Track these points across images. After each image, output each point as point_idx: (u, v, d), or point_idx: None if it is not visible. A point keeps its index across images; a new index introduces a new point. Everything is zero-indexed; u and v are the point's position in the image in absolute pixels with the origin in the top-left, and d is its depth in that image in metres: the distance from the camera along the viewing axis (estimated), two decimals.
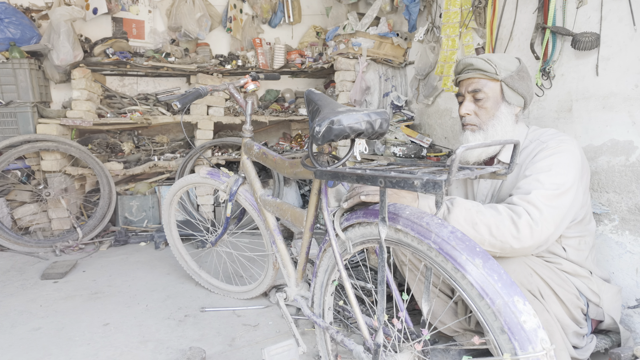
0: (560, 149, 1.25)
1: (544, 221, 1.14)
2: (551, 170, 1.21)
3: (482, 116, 1.36)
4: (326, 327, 1.23)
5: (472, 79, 1.36)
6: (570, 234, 1.30)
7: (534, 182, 1.20)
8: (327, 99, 1.13)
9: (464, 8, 2.28)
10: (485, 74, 1.33)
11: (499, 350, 0.79)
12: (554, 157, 1.24)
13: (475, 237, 1.12)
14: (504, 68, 1.32)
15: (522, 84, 1.33)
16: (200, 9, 3.47)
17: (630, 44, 1.55)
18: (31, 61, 2.90)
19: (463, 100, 1.40)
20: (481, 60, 1.33)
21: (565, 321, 1.21)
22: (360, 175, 0.93)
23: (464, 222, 1.12)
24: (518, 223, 1.13)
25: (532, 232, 1.13)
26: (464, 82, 1.39)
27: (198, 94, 1.61)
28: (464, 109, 1.38)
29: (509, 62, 1.34)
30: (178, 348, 1.63)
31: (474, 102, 1.37)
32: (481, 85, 1.34)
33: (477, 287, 0.80)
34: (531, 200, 1.16)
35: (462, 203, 1.15)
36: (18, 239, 2.78)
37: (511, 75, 1.32)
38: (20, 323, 1.82)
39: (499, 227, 1.12)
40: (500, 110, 1.34)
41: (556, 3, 1.81)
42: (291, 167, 1.40)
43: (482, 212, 1.14)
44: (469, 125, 1.39)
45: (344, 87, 3.22)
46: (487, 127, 1.35)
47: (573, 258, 1.30)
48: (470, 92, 1.36)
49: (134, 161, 3.30)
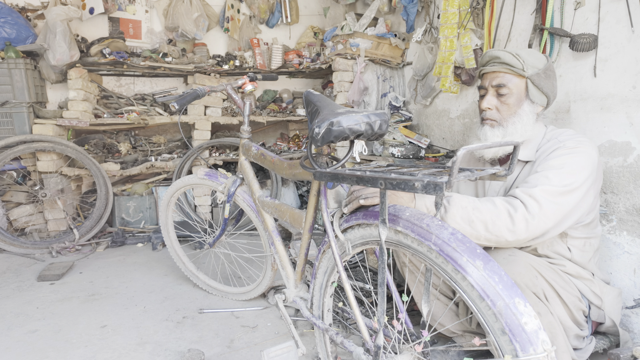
0: (577, 150, 1.23)
1: (542, 215, 1.14)
2: (562, 169, 1.20)
3: (504, 112, 1.33)
4: (326, 328, 1.23)
5: (497, 72, 1.32)
6: (577, 234, 1.29)
7: (542, 178, 1.19)
8: (326, 100, 1.13)
9: (462, 9, 2.28)
10: (512, 69, 1.29)
11: (500, 352, 0.79)
12: (568, 157, 1.22)
13: (471, 234, 1.13)
14: (532, 65, 1.28)
15: (548, 83, 1.31)
16: (198, 9, 3.46)
17: (627, 46, 1.56)
18: (27, 61, 2.88)
19: (485, 93, 1.36)
20: (509, 55, 1.29)
21: (567, 324, 1.21)
22: (360, 176, 0.92)
23: (461, 220, 1.12)
24: (514, 216, 1.13)
25: (527, 225, 1.13)
26: (488, 75, 1.35)
27: (196, 95, 1.60)
28: (486, 103, 1.35)
29: (537, 59, 1.30)
30: (176, 350, 1.62)
31: (496, 97, 1.34)
32: (506, 80, 1.31)
33: (477, 289, 0.80)
34: (532, 194, 1.15)
35: (459, 201, 1.15)
36: (14, 240, 2.76)
37: (538, 72, 1.29)
38: (17, 325, 1.80)
39: (495, 222, 1.12)
40: (523, 108, 1.31)
41: (554, 4, 1.81)
42: (290, 168, 1.40)
43: (478, 208, 1.14)
44: (488, 120, 1.36)
45: (342, 88, 3.21)
46: (507, 124, 1.33)
47: (577, 259, 1.30)
48: (494, 86, 1.33)
49: (130, 162, 3.28)
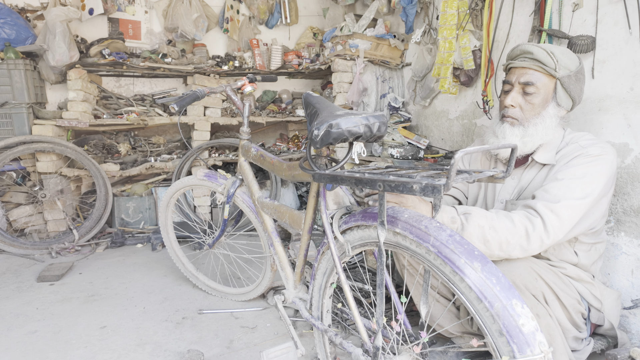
0: (600, 159, 1.18)
1: (557, 231, 1.13)
2: (584, 178, 1.16)
3: (527, 112, 1.27)
4: (325, 329, 1.23)
5: (527, 69, 1.25)
6: (586, 240, 1.29)
7: (564, 189, 1.15)
8: (325, 102, 1.13)
9: (461, 10, 2.29)
10: (543, 68, 1.22)
11: (498, 353, 0.79)
12: (590, 165, 1.18)
13: (485, 252, 1.13)
14: (565, 66, 1.22)
15: (577, 87, 1.25)
16: (197, 10, 3.46)
17: (625, 47, 1.56)
18: (26, 62, 2.88)
19: (510, 89, 1.29)
20: (543, 52, 1.22)
21: (566, 326, 1.21)
22: (358, 178, 0.93)
23: (477, 239, 1.12)
24: (531, 236, 1.12)
25: (541, 244, 1.13)
26: (516, 70, 1.28)
27: (195, 97, 1.60)
28: (510, 99, 1.28)
29: (570, 60, 1.23)
30: (176, 351, 1.63)
31: (522, 95, 1.27)
32: (535, 78, 1.24)
33: (475, 290, 0.81)
34: (556, 210, 1.12)
35: (476, 219, 1.12)
36: (13, 240, 2.76)
37: (569, 75, 1.22)
38: (17, 326, 1.81)
39: (510, 242, 1.12)
40: (547, 110, 1.26)
41: (552, 6, 1.82)
42: (289, 169, 1.40)
43: (494, 228, 1.12)
44: (509, 118, 1.30)
45: (342, 89, 3.22)
46: (528, 124, 1.27)
47: (583, 262, 1.29)
48: (521, 83, 1.26)
49: (130, 162, 3.28)
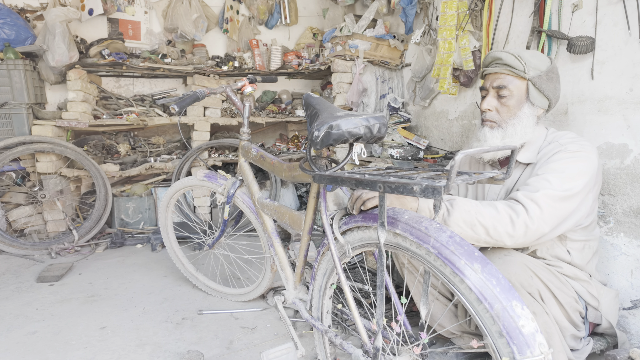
0: (578, 155, 1.23)
1: (541, 221, 1.15)
2: (563, 173, 1.20)
3: (504, 114, 1.32)
4: (325, 330, 1.23)
5: (499, 74, 1.32)
6: (576, 237, 1.30)
7: (543, 181, 1.19)
8: (325, 103, 1.13)
9: (461, 11, 2.29)
10: (513, 71, 1.28)
11: (498, 354, 0.80)
12: (569, 161, 1.22)
13: (472, 237, 1.14)
14: (534, 67, 1.27)
15: (550, 86, 1.30)
16: (197, 10, 3.46)
17: (624, 48, 1.57)
18: (26, 62, 2.88)
19: (486, 94, 1.36)
20: (511, 56, 1.28)
21: (563, 324, 1.22)
22: (359, 179, 0.93)
23: (464, 224, 1.13)
24: (516, 222, 1.14)
25: (526, 231, 1.14)
26: (489, 76, 1.35)
27: (195, 97, 1.60)
28: (486, 104, 1.35)
29: (540, 60, 1.29)
30: (176, 351, 1.63)
31: (497, 99, 1.33)
32: (507, 82, 1.30)
33: (475, 292, 0.81)
34: (535, 198, 1.15)
35: (462, 205, 1.15)
36: (13, 241, 2.76)
37: (540, 75, 1.28)
38: (16, 327, 1.81)
39: (496, 228, 1.13)
40: (523, 110, 1.31)
41: (552, 7, 1.82)
42: (289, 170, 1.40)
43: (481, 213, 1.14)
44: (488, 122, 1.36)
45: (341, 89, 3.22)
46: (506, 126, 1.32)
47: (576, 261, 1.30)
48: (494, 87, 1.33)
49: (130, 163, 3.28)
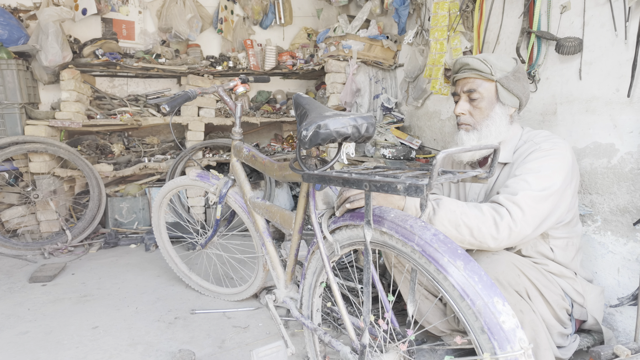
0: (552, 152, 1.26)
1: (524, 223, 1.16)
2: (540, 172, 1.22)
3: (477, 116, 1.37)
4: (314, 328, 1.24)
5: (468, 78, 1.37)
6: (558, 234, 1.32)
7: (522, 182, 1.21)
8: (314, 102, 1.14)
9: (452, 12, 2.31)
10: (481, 74, 1.33)
11: (480, 350, 0.81)
12: (544, 160, 1.25)
13: (456, 237, 1.15)
14: (500, 68, 1.32)
15: (518, 85, 1.34)
16: (191, 10, 3.46)
17: (611, 49, 1.59)
18: (19, 62, 2.87)
19: (459, 99, 1.40)
20: (477, 60, 1.33)
21: (550, 322, 1.23)
22: (346, 179, 0.94)
23: (448, 223, 1.14)
24: (500, 225, 1.15)
25: (510, 233, 1.16)
26: (460, 81, 1.40)
27: (187, 97, 1.61)
28: (459, 108, 1.39)
29: (505, 62, 1.33)
30: (167, 350, 1.63)
31: (469, 102, 1.38)
32: (476, 85, 1.35)
33: (458, 289, 0.82)
34: (516, 201, 1.18)
35: (448, 204, 1.16)
36: (6, 241, 2.75)
37: (506, 75, 1.32)
38: (8, 327, 1.81)
39: (481, 229, 1.14)
40: (495, 110, 1.35)
41: (541, 8, 1.84)
42: (280, 170, 1.41)
43: (466, 213, 1.16)
44: (463, 125, 1.40)
45: (335, 89, 3.23)
46: (481, 127, 1.36)
47: (560, 259, 1.32)
48: (465, 91, 1.37)
49: (124, 163, 3.28)
